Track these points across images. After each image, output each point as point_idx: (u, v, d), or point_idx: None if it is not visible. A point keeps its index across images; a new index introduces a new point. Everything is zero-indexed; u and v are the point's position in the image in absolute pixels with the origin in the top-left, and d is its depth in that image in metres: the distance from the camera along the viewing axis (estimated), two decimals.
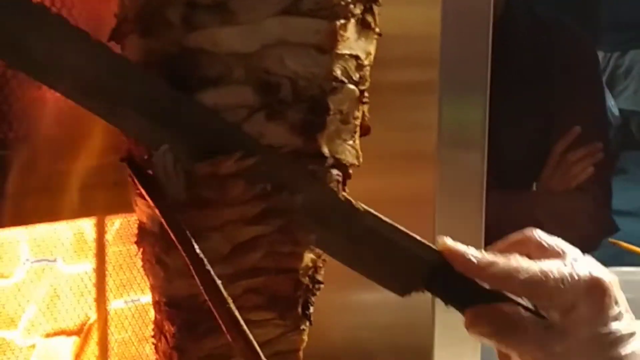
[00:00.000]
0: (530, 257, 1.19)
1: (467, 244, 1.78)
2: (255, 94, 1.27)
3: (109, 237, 1.76)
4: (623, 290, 2.42)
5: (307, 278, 1.35)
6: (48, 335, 1.73)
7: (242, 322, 1.16)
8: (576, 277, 1.16)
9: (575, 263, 1.18)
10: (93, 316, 1.76)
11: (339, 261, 1.29)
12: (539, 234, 1.23)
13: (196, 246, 1.21)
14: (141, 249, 1.39)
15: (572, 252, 1.20)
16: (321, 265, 1.36)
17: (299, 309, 1.36)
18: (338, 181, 1.34)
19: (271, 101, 1.28)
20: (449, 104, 1.78)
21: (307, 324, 1.38)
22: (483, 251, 1.19)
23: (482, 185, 1.83)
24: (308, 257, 1.35)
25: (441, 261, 1.18)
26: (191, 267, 1.21)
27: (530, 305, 1.19)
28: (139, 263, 1.40)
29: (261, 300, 1.34)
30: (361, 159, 1.37)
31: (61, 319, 1.73)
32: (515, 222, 3.22)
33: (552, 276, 1.15)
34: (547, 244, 1.22)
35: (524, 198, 3.28)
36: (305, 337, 1.40)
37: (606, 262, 2.70)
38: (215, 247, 1.29)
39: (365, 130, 1.40)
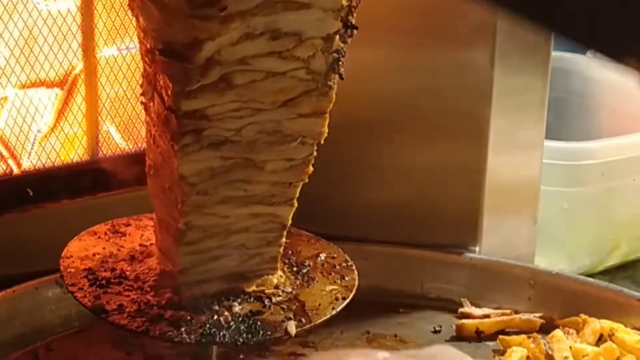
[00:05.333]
0: None
1: None
2: None
3: None
4: None
5: (339, 21, 1.06)
6: (23, 87, 1.44)
7: None
8: None
9: None
10: (79, 65, 1.47)
11: None
12: None
13: None
14: None
15: None
16: (355, 5, 1.06)
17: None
18: None
19: None
20: None
21: (336, 80, 1.10)
22: None
23: None
24: None
25: None
26: None
27: None
28: None
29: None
30: None
31: (39, 68, 1.44)
32: None
33: None
34: None
35: None
36: (334, 97, 1.12)
37: None
38: None
39: None
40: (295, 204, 1.21)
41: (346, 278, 1.28)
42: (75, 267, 1.25)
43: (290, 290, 1.24)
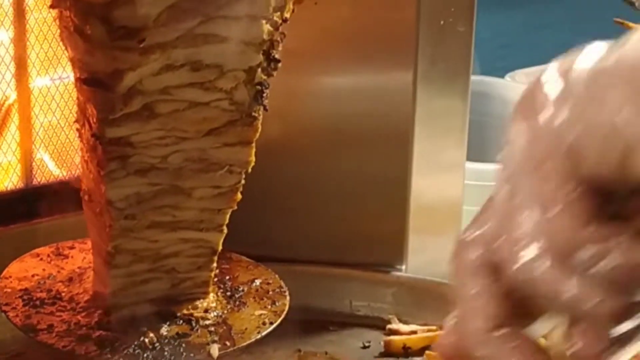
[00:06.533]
0: None
1: None
2: None
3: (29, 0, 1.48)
4: None
5: (261, 55, 1.09)
6: None
7: None
8: None
9: None
10: (12, 95, 1.50)
11: None
12: None
13: None
14: (58, 14, 1.13)
15: None
16: (279, 40, 1.10)
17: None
18: None
19: None
20: None
21: (261, 111, 1.13)
22: None
23: None
24: (265, 27, 1.09)
25: None
26: None
27: None
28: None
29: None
30: None
31: None
32: None
33: None
34: None
35: None
36: (259, 127, 1.15)
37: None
38: None
39: None
40: (225, 230, 1.25)
41: (277, 303, 1.31)
42: (12, 287, 1.27)
43: (219, 314, 1.27)
